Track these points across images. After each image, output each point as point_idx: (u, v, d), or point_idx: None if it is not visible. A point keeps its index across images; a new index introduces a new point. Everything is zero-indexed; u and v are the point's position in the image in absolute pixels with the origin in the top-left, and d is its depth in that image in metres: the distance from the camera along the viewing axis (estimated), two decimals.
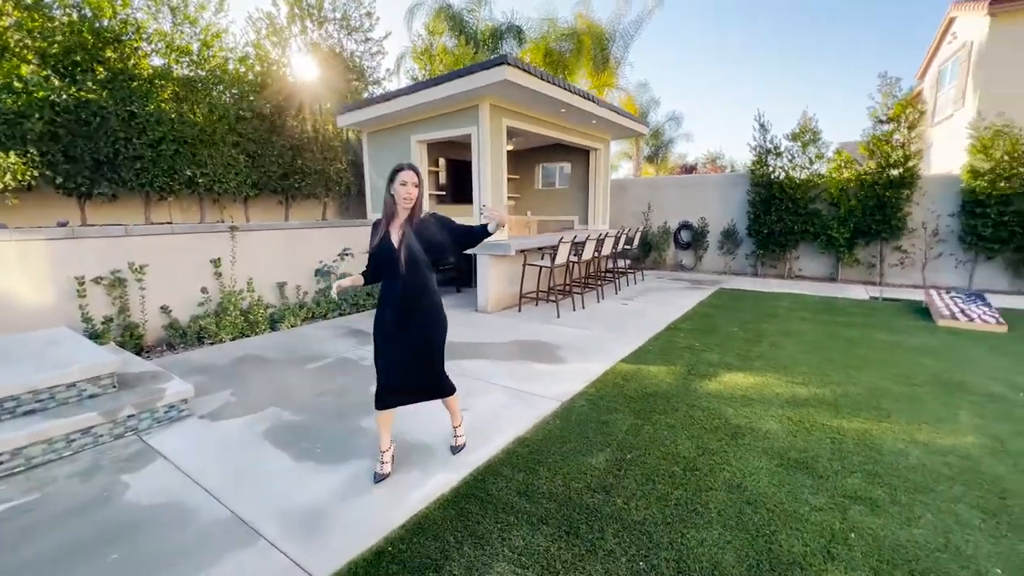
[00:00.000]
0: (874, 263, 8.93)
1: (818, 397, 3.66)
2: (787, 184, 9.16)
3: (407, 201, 2.41)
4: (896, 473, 2.63)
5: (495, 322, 6.09)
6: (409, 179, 2.40)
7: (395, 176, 2.42)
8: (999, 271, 8.08)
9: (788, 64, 61.78)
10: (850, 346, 5.00)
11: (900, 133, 8.35)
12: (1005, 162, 7.58)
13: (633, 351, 4.81)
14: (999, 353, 4.79)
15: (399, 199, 2.41)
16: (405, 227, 2.45)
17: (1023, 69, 9.68)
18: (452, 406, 2.83)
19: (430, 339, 2.61)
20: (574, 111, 7.05)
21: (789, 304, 7.21)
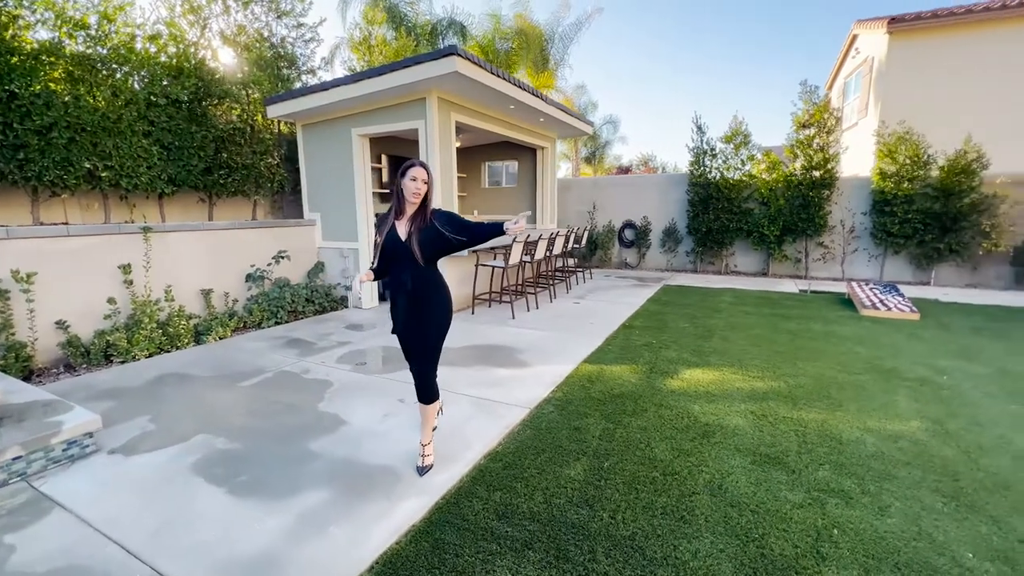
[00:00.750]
0: (800, 258, 9.60)
1: (775, 390, 3.76)
2: (723, 184, 9.62)
3: (416, 196, 2.42)
4: (859, 462, 2.70)
5: (456, 331, 5.81)
6: (419, 175, 2.41)
7: (405, 172, 2.43)
8: (905, 264, 8.95)
9: (718, 70, 65.94)
10: (792, 338, 5.25)
11: (820, 137, 9.01)
12: (907, 166, 8.40)
13: (594, 351, 4.74)
14: (917, 339, 5.23)
15: (408, 194, 2.42)
16: (414, 221, 2.45)
17: (919, 83, 10.81)
18: (428, 415, 2.67)
19: (428, 335, 2.59)
20: (523, 108, 6.92)
21: (731, 299, 7.52)
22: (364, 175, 6.55)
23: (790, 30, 62.60)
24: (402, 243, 2.42)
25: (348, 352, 4.79)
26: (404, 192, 2.43)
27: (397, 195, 2.46)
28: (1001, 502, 2.35)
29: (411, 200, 2.43)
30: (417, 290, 2.49)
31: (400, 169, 2.46)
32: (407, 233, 2.44)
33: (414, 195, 2.41)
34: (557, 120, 7.94)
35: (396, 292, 2.53)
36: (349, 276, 6.80)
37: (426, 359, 2.62)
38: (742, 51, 66.98)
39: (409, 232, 2.43)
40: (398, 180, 2.44)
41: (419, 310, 2.53)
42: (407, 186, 2.41)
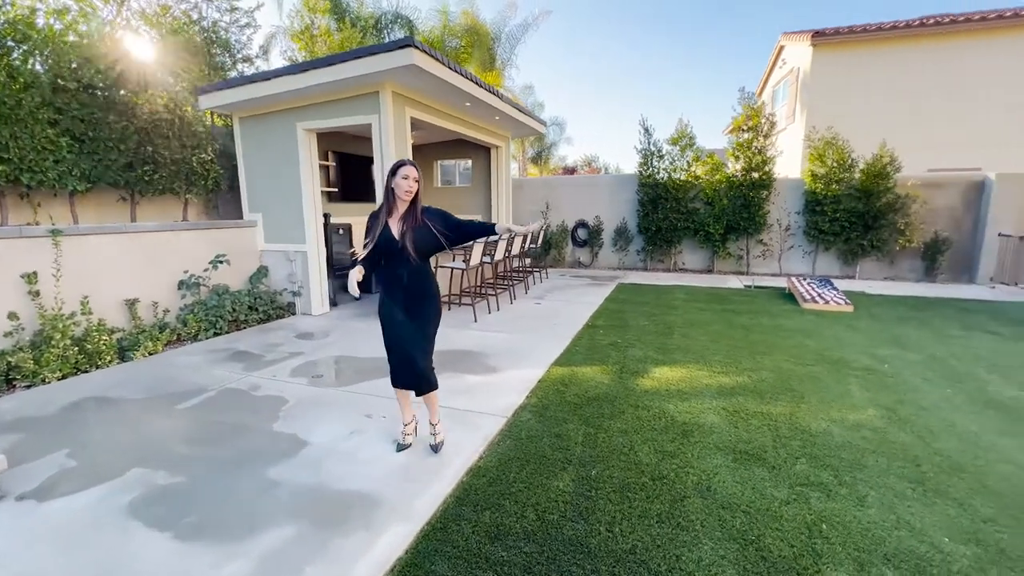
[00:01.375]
0: (742, 255, 10.11)
1: (741, 385, 3.85)
2: (670, 185, 9.94)
3: (408, 194, 2.50)
4: (831, 453, 2.80)
5: None
6: (411, 174, 2.49)
7: (396, 171, 2.50)
8: (834, 259, 9.66)
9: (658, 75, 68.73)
10: (747, 333, 5.46)
11: (757, 141, 9.52)
12: (835, 169, 9.06)
13: (562, 353, 4.68)
14: (855, 330, 5.60)
15: (400, 193, 2.50)
16: (406, 220, 2.53)
17: (841, 92, 11.73)
18: (432, 401, 2.80)
19: (424, 327, 2.68)
20: (479, 105, 6.75)
21: (683, 296, 7.76)
22: (311, 173, 6.12)
23: (724, 37, 66.54)
24: (396, 241, 2.50)
25: (302, 364, 4.42)
26: (396, 191, 2.50)
27: (387, 194, 2.54)
28: (960, 484, 2.50)
29: (403, 198, 2.51)
30: (413, 286, 2.59)
31: (391, 169, 2.53)
32: (400, 232, 2.51)
33: (406, 193, 2.49)
34: (512, 118, 7.84)
35: (391, 289, 2.60)
36: (297, 281, 6.34)
37: (424, 351, 2.69)
38: (681, 56, 70.30)
39: (402, 231, 2.51)
40: (388, 179, 2.52)
41: (416, 304, 2.62)
42: (399, 185, 2.48)
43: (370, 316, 6.27)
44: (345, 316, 6.32)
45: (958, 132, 11.09)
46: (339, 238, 6.91)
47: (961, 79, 11.05)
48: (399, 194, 2.51)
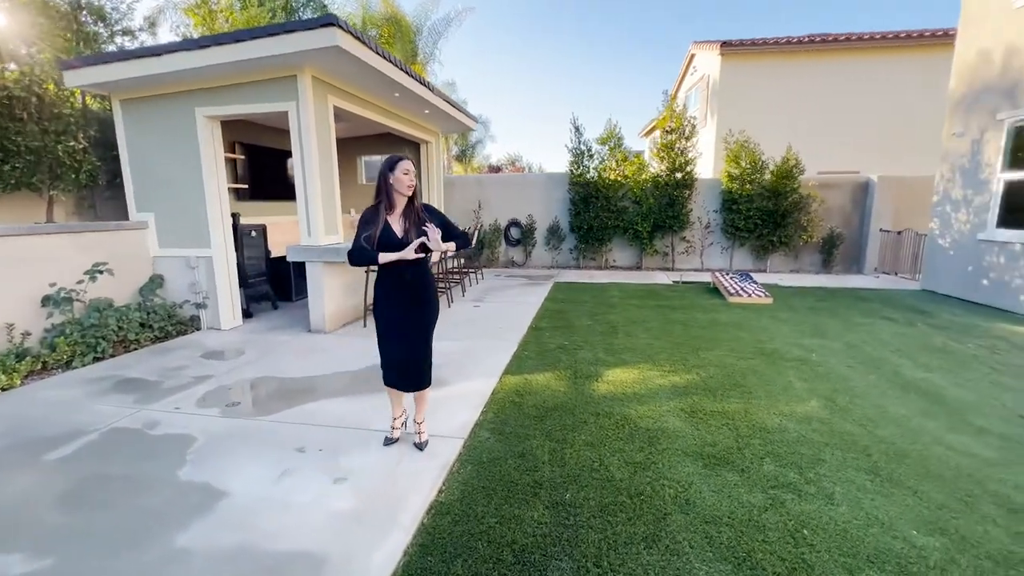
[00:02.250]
0: (667, 252, 10.54)
1: (693, 384, 3.86)
2: (601, 184, 10.10)
3: (410, 189, 2.48)
4: (791, 450, 2.82)
5: (339, 344, 5.01)
6: (410, 168, 2.48)
7: (394, 167, 2.46)
8: (748, 254, 10.38)
9: (581, 77, 70.78)
10: (685, 328, 5.59)
11: (680, 143, 9.96)
12: (748, 170, 9.72)
13: (511, 359, 4.44)
14: (779, 321, 5.95)
15: (402, 188, 2.47)
16: (408, 216, 2.52)
17: (747, 99, 12.66)
18: (424, 398, 2.83)
19: (426, 325, 2.68)
20: (409, 97, 6.30)
21: (619, 293, 7.87)
22: (215, 167, 5.32)
23: (638, 44, 70.13)
24: (398, 240, 2.47)
25: (212, 390, 3.77)
26: (396, 186, 2.46)
27: (386, 191, 2.47)
28: (907, 471, 2.61)
29: (405, 193, 2.48)
30: (418, 284, 2.60)
31: (387, 164, 2.47)
32: (404, 229, 2.49)
33: (408, 188, 2.47)
34: (443, 113, 7.46)
35: (395, 288, 2.57)
36: (201, 291, 5.49)
37: (428, 349, 2.72)
38: (598, 60, 73.05)
39: (406, 228, 2.49)
40: (385, 174, 2.46)
41: (419, 303, 2.62)
42: (400, 180, 2.44)
43: (292, 328, 5.61)
44: (261, 329, 5.59)
45: (843, 138, 12.44)
46: (252, 241, 6.11)
47: (845, 91, 12.41)
48: (400, 189, 2.47)
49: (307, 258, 5.17)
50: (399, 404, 2.86)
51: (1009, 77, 6.37)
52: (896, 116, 12.24)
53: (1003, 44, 6.46)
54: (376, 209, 2.51)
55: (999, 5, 6.52)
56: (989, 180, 6.63)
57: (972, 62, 7.00)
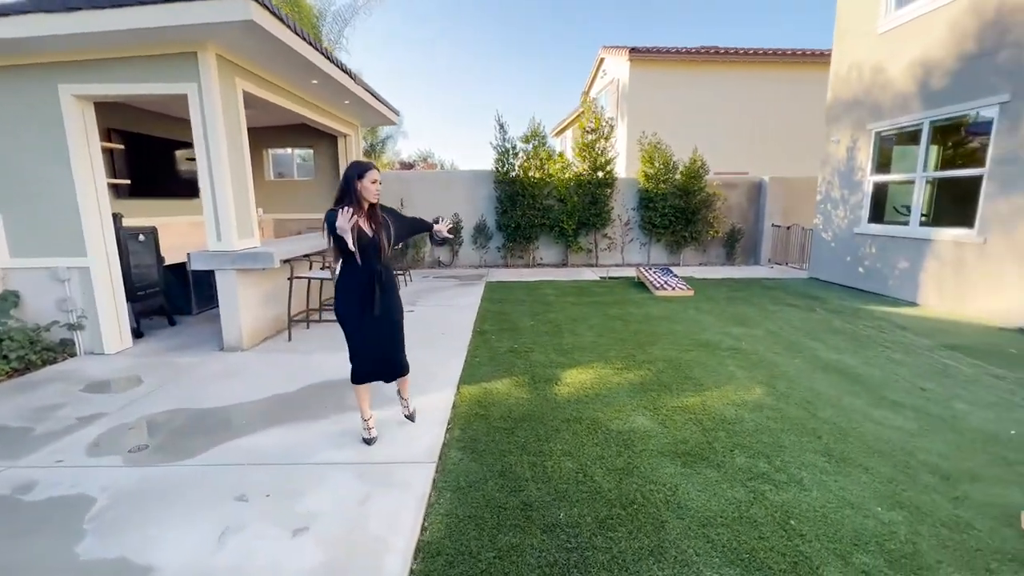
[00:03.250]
0: (591, 248, 10.87)
1: (648, 380, 3.93)
2: (527, 182, 10.11)
3: (376, 197, 2.64)
4: (754, 439, 2.95)
5: (263, 363, 4.40)
6: (378, 178, 2.62)
7: (363, 175, 2.59)
8: (663, 249, 11.05)
9: (494, 76, 70.73)
10: (624, 324, 5.74)
11: (600, 143, 10.30)
12: (661, 170, 10.32)
13: (464, 368, 4.21)
14: (704, 312, 6.36)
15: (370, 196, 2.61)
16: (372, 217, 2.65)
17: (655, 102, 13.46)
18: (407, 380, 3.04)
19: (398, 320, 2.83)
20: (329, 85, 5.74)
21: (552, 291, 7.93)
22: (90, 158, 4.38)
23: (550, 45, 71.85)
24: (369, 238, 2.60)
25: (106, 433, 3.07)
26: (364, 194, 2.61)
27: (353, 196, 2.59)
28: (854, 449, 2.85)
29: (372, 201, 2.64)
30: (387, 280, 2.74)
31: (355, 170, 2.61)
32: (371, 229, 2.63)
33: (375, 196, 2.64)
34: (365, 104, 6.93)
35: (365, 286, 2.66)
36: (75, 309, 4.51)
37: (402, 341, 2.90)
38: (512, 59, 73.72)
39: (373, 228, 2.63)
40: (353, 180, 2.59)
41: (389, 298, 2.75)
42: (368, 189, 2.60)
43: (201, 346, 4.83)
44: (160, 350, 4.76)
45: (735, 142, 13.74)
46: (140, 246, 5.17)
47: (738, 99, 13.70)
48: (367, 197, 2.61)
49: (217, 266, 4.46)
50: (367, 403, 2.93)
51: (874, 92, 7.39)
52: (778, 123, 13.79)
53: (869, 63, 7.48)
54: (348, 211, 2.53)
55: (864, 30, 7.53)
56: (861, 181, 7.66)
57: (844, 78, 8.03)
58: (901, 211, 7.44)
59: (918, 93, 6.57)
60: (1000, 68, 5.48)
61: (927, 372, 4.11)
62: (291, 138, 8.20)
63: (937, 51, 6.27)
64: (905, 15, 6.74)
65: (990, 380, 3.93)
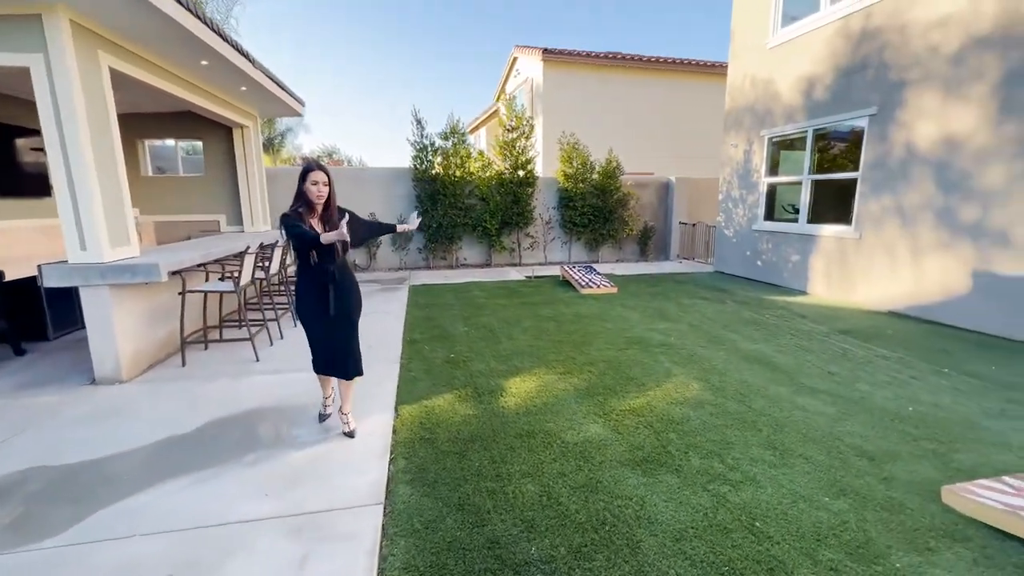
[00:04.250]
0: (515, 248, 10.82)
1: (591, 383, 3.88)
2: (447, 180, 9.77)
3: (319, 199, 2.64)
4: (703, 439, 3.00)
5: (152, 395, 3.67)
6: (319, 179, 2.61)
7: (305, 176, 2.62)
8: (583, 247, 11.33)
9: (403, 73, 67.98)
10: (558, 325, 5.70)
11: (520, 141, 10.26)
12: (580, 170, 10.55)
13: (400, 383, 3.86)
14: (629, 309, 6.55)
15: (312, 198, 2.62)
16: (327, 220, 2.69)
17: (569, 103, 13.76)
18: (352, 389, 3.01)
19: (351, 316, 2.88)
20: (222, 68, 4.98)
21: (480, 293, 7.72)
22: None
23: (461, 44, 70.85)
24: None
25: None
26: (308, 196, 2.60)
27: (303, 197, 2.61)
28: (790, 438, 3.00)
29: (317, 203, 2.63)
30: (342, 279, 2.77)
31: (300, 172, 2.62)
32: (324, 230, 2.63)
33: (318, 198, 2.62)
34: (265, 92, 6.16)
35: (322, 286, 2.69)
36: None
37: (356, 339, 2.94)
38: (420, 55, 71.60)
39: (325, 229, 2.63)
40: (299, 182, 2.61)
41: (345, 297, 2.79)
42: (309, 190, 2.59)
43: (63, 380, 3.92)
44: (7, 388, 3.79)
45: (643, 143, 14.52)
46: None
47: (645, 103, 14.46)
48: (312, 199, 2.61)
49: (82, 281, 3.64)
50: (328, 387, 3.09)
51: (766, 102, 8.13)
52: (679, 127, 14.80)
53: (761, 76, 8.21)
54: (298, 214, 2.61)
55: (756, 45, 8.25)
56: (758, 183, 8.41)
57: (740, 88, 8.76)
58: (788, 209, 8.29)
59: (803, 104, 7.33)
60: (869, 83, 6.26)
61: (830, 357, 4.53)
62: (174, 127, 7.08)
63: (817, 67, 7.03)
64: (790, 33, 7.47)
65: (880, 361, 4.43)
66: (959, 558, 2.00)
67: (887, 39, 5.97)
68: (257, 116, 7.40)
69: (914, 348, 4.77)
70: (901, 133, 5.87)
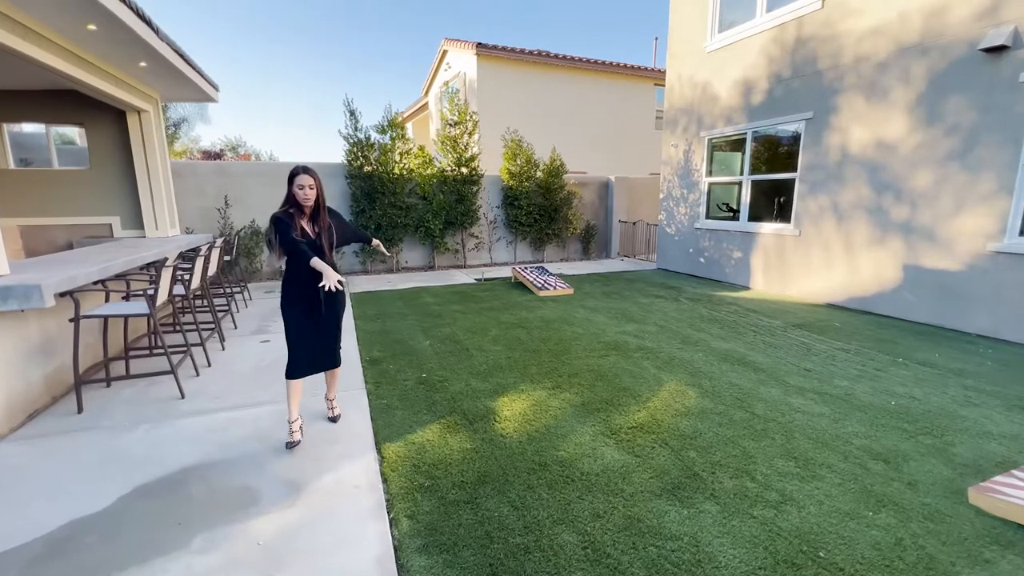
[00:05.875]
0: (459, 249, 10.33)
1: (585, 399, 3.60)
2: (386, 178, 9.04)
3: (307, 202, 2.68)
4: (723, 454, 2.82)
5: (35, 457, 2.78)
6: (306, 183, 2.66)
7: (292, 179, 2.68)
8: (528, 247, 11.11)
9: (323, 60, 63.22)
10: (527, 332, 5.37)
11: (463, 138, 9.77)
12: (525, 168, 10.29)
13: (373, 416, 3.30)
14: (591, 310, 6.39)
15: (300, 200, 2.67)
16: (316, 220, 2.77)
17: (504, 99, 13.45)
18: (337, 376, 3.17)
19: (339, 316, 2.98)
20: (115, 34, 4.02)
21: (431, 299, 7.19)
22: None
23: (388, 33, 67.46)
24: (311, 239, 2.71)
25: None
26: (296, 198, 2.66)
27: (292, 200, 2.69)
28: (803, 445, 2.92)
29: (305, 205, 2.68)
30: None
31: (289, 175, 2.69)
32: (314, 232, 2.75)
33: (304, 201, 2.67)
34: (171, 69, 5.14)
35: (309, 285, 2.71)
36: None
37: (339, 336, 3.03)
38: (337, 38, 67.27)
39: (316, 231, 2.76)
40: (288, 185, 2.69)
41: (336, 296, 2.85)
42: (297, 194, 2.66)
43: None
44: None
45: (576, 143, 14.63)
46: None
47: (582, 102, 14.55)
48: (300, 201, 2.66)
49: None
50: (296, 404, 2.92)
51: (705, 103, 8.40)
52: (609, 127, 15.11)
53: (699, 78, 8.47)
54: (289, 215, 2.65)
55: (694, 48, 8.50)
56: (699, 182, 8.69)
57: (678, 89, 8.99)
58: (722, 208, 8.67)
59: (742, 106, 7.64)
60: (804, 89, 6.62)
61: (798, 353, 4.65)
62: (46, 110, 5.71)
63: (754, 71, 7.35)
64: (728, 38, 7.76)
65: (842, 355, 4.62)
66: (1016, 567, 1.96)
67: (820, 47, 6.34)
68: (159, 99, 6.22)
69: (865, 339, 5.06)
70: (836, 136, 6.27)
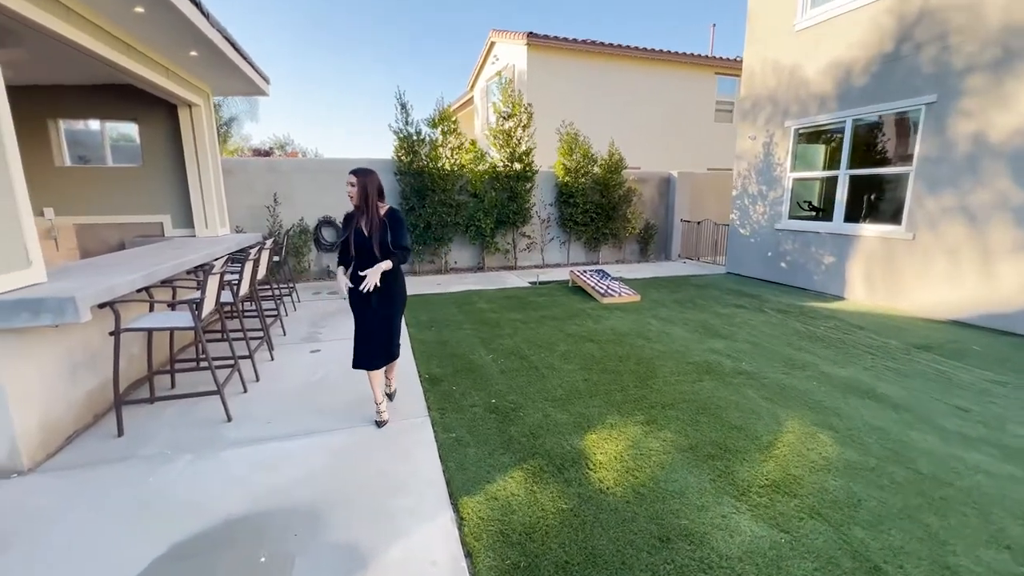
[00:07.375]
0: (509, 249, 9.80)
1: (692, 441, 2.96)
2: (437, 175, 8.61)
3: (350, 198, 2.89)
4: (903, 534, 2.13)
5: (65, 498, 2.43)
6: (348, 180, 2.88)
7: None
8: (582, 248, 10.45)
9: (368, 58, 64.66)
10: (599, 347, 4.76)
11: (517, 131, 9.21)
12: (582, 163, 9.63)
13: (442, 455, 2.79)
14: (665, 322, 5.69)
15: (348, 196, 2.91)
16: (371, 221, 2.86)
17: (555, 91, 12.79)
18: (393, 371, 3.42)
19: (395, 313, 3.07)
20: (164, 18, 3.69)
21: (486, 304, 6.68)
22: None
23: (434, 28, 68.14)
24: (364, 238, 2.85)
25: None
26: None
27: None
28: (1008, 526, 2.19)
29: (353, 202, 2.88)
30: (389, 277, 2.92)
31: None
32: (368, 231, 2.86)
33: (349, 197, 2.88)
34: (223, 60, 4.84)
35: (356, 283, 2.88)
36: None
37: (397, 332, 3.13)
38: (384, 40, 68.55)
39: (370, 230, 2.85)
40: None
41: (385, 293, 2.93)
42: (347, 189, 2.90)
43: None
44: None
45: (631, 136, 13.79)
46: None
47: (637, 94, 13.70)
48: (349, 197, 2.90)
49: None
50: (380, 387, 3.12)
51: (792, 90, 7.47)
52: (666, 119, 14.16)
53: (786, 61, 7.54)
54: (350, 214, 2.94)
55: (781, 27, 7.58)
56: (781, 177, 7.77)
57: (759, 76, 8.08)
58: (803, 206, 7.72)
59: (839, 91, 6.70)
60: (925, 68, 5.65)
61: (938, 385, 3.82)
62: (100, 105, 5.58)
63: (858, 50, 6.40)
64: (824, 13, 6.82)
65: (998, 388, 3.76)
66: None
67: (953, 17, 5.36)
68: (210, 93, 5.99)
69: (1021, 370, 4.15)
70: (967, 123, 5.28)
